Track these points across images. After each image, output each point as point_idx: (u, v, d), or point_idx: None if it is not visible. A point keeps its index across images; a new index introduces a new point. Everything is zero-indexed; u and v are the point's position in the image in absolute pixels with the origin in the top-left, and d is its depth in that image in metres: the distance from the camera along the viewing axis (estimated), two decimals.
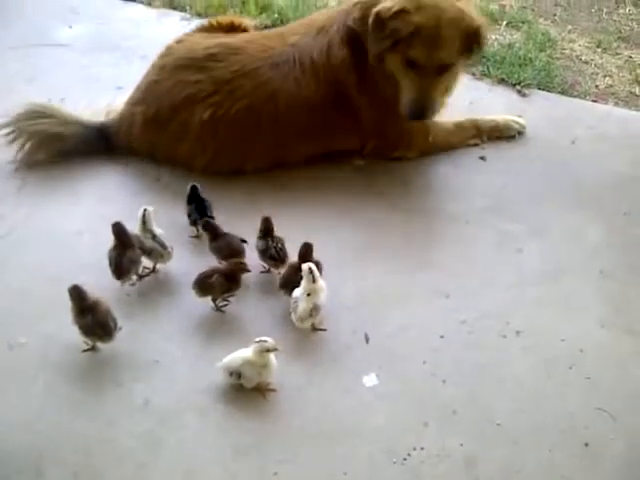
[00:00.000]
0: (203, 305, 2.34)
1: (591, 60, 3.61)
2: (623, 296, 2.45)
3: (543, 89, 3.37)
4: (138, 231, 2.40)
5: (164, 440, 2.01)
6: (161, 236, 2.41)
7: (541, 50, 3.61)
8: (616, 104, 3.35)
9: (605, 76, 3.51)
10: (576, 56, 3.63)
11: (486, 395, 2.15)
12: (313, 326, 2.29)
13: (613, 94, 3.40)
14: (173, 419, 2.06)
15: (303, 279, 2.22)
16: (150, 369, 2.17)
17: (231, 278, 2.29)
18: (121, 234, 2.34)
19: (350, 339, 2.28)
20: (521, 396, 2.15)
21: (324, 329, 2.30)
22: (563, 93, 3.37)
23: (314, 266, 2.21)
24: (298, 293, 2.24)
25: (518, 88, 3.36)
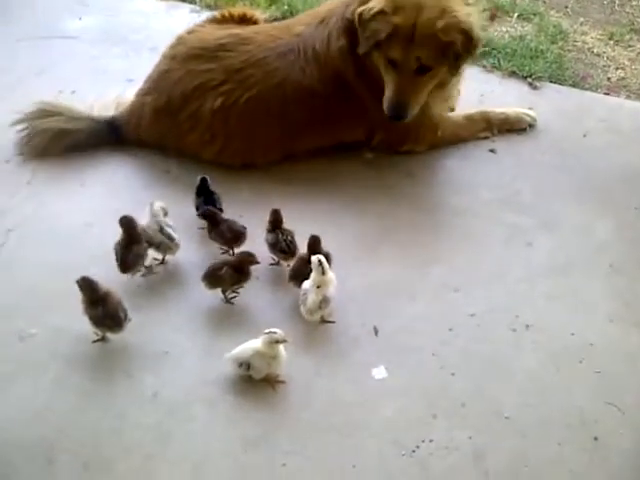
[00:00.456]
0: (212, 297, 2.34)
1: (603, 52, 3.58)
2: (632, 290, 2.44)
3: (554, 82, 3.35)
4: (146, 224, 2.41)
5: (173, 431, 2.02)
6: (170, 228, 2.42)
7: (552, 42, 3.58)
8: (628, 97, 3.32)
9: (617, 68, 3.47)
10: (588, 48, 3.60)
11: (495, 388, 2.15)
12: (322, 318, 2.29)
13: (625, 87, 3.37)
14: (182, 410, 2.07)
15: (312, 271, 2.22)
16: (159, 360, 2.19)
17: (240, 270, 2.29)
18: (129, 227, 2.34)
19: (359, 332, 2.28)
20: (530, 390, 2.15)
21: (333, 321, 2.30)
22: (574, 86, 3.35)
23: (323, 258, 2.21)
24: (307, 285, 2.24)
25: (529, 81, 3.34)
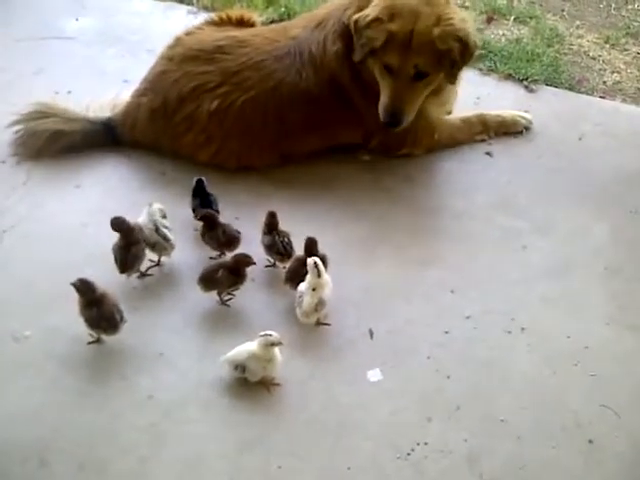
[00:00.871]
0: (208, 298, 2.34)
1: (599, 56, 3.59)
2: (628, 293, 2.44)
3: (551, 85, 3.36)
4: (142, 223, 2.40)
5: (168, 433, 2.02)
6: (166, 229, 2.41)
7: (549, 45, 3.59)
8: (624, 100, 3.33)
9: (613, 72, 3.49)
10: (584, 52, 3.61)
11: (490, 391, 2.15)
12: (318, 321, 2.29)
13: (621, 90, 3.38)
14: (177, 412, 2.06)
15: (308, 273, 2.22)
16: (155, 362, 2.18)
17: (236, 272, 2.29)
18: (121, 229, 2.33)
19: (354, 334, 2.28)
20: (525, 392, 2.15)
21: (328, 324, 2.30)
22: (570, 89, 3.35)
23: (319, 260, 2.21)
24: (303, 287, 2.24)
25: (525, 84, 3.34)
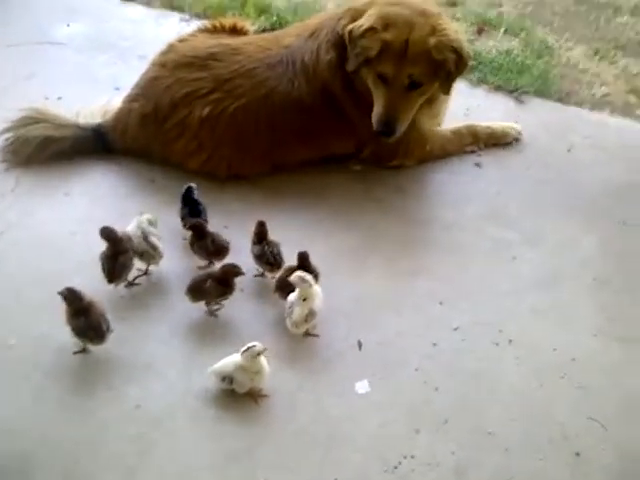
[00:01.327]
0: (196, 308, 2.33)
1: (588, 68, 3.61)
2: (616, 305, 2.46)
3: (540, 96, 3.38)
4: (131, 232, 2.39)
5: (155, 444, 2.00)
6: (154, 237, 2.40)
7: (538, 57, 3.61)
8: (612, 113, 3.34)
9: (602, 85, 3.51)
10: (573, 64, 3.63)
11: (478, 403, 2.15)
12: (307, 332, 2.28)
13: (609, 103, 3.40)
14: (164, 423, 2.05)
15: (297, 287, 2.21)
16: (142, 372, 2.17)
17: (225, 282, 2.28)
18: (110, 238, 2.32)
19: (343, 345, 2.28)
20: (513, 404, 2.15)
21: (317, 335, 2.30)
22: (560, 101, 3.37)
23: (303, 273, 2.20)
24: (293, 298, 2.23)
25: (515, 95, 3.36)
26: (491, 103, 3.33)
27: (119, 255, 2.32)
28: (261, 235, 2.42)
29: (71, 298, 2.12)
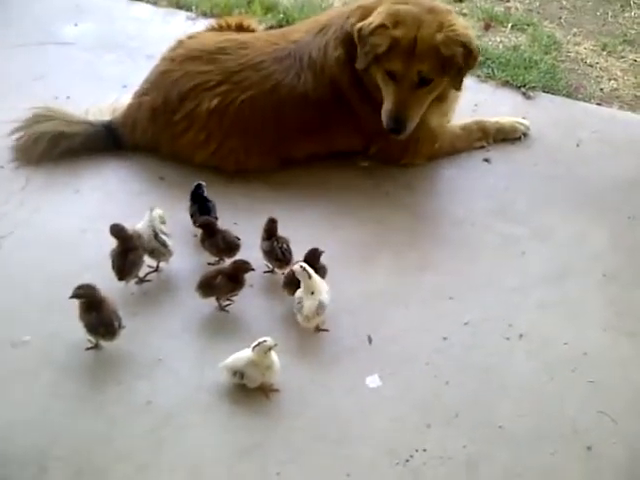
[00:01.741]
0: (207, 304, 2.34)
1: (596, 63, 3.60)
2: (626, 300, 2.45)
3: (548, 92, 3.37)
4: (141, 229, 2.40)
5: (166, 439, 2.01)
6: (165, 235, 2.41)
7: (546, 53, 3.60)
8: (621, 108, 3.34)
9: (610, 79, 3.50)
10: (581, 59, 3.63)
11: (488, 397, 2.15)
12: (316, 327, 2.29)
13: (618, 97, 3.39)
14: (176, 418, 2.06)
15: (301, 280, 2.22)
16: (153, 368, 2.18)
17: (235, 278, 2.29)
18: (120, 236, 2.34)
19: (353, 340, 2.28)
20: (523, 399, 2.15)
21: (327, 330, 2.30)
22: (568, 96, 3.36)
23: (303, 264, 2.22)
24: (301, 293, 2.24)
25: (523, 90, 3.36)
26: (499, 98, 3.32)
27: (129, 252, 2.33)
28: (271, 231, 2.42)
29: (87, 290, 2.14)
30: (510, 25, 3.80)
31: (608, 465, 2.01)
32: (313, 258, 2.32)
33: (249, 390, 2.12)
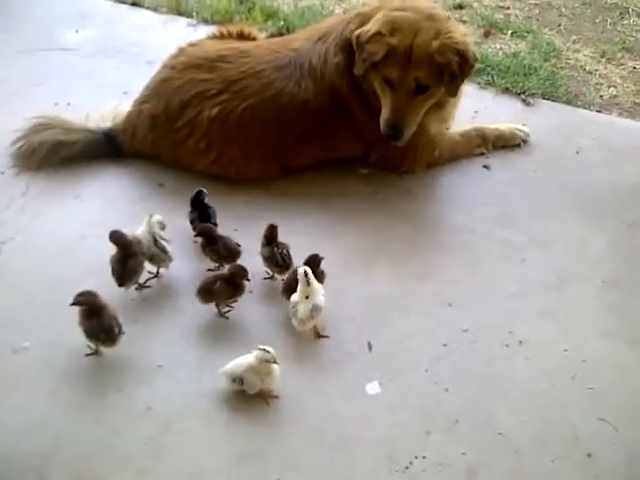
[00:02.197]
0: (206, 310, 2.34)
1: (595, 70, 3.62)
2: (626, 306, 2.45)
3: (548, 99, 3.38)
4: (141, 235, 2.41)
5: (166, 446, 2.01)
6: (164, 241, 2.42)
7: (546, 60, 3.62)
8: (620, 114, 3.35)
9: (609, 86, 3.51)
10: (580, 66, 3.64)
11: (488, 404, 2.15)
12: (317, 333, 2.29)
13: (617, 104, 3.40)
14: (176, 425, 2.06)
15: (299, 283, 2.23)
16: (153, 374, 2.18)
17: (234, 284, 2.30)
18: (119, 242, 2.34)
19: (353, 346, 2.28)
20: (523, 406, 2.15)
21: (327, 336, 2.31)
22: (567, 103, 3.38)
23: (309, 269, 2.22)
24: (296, 298, 2.24)
25: (523, 97, 3.37)
26: (499, 105, 3.34)
27: (128, 259, 2.34)
28: (271, 237, 2.43)
29: (88, 297, 2.14)
30: (510, 32, 3.82)
31: (608, 472, 2.00)
32: (313, 263, 2.32)
33: (249, 396, 2.12)
